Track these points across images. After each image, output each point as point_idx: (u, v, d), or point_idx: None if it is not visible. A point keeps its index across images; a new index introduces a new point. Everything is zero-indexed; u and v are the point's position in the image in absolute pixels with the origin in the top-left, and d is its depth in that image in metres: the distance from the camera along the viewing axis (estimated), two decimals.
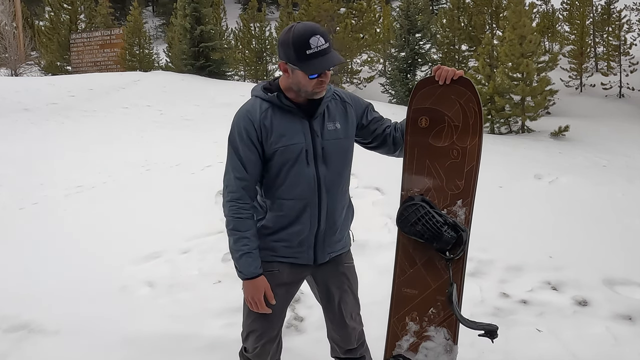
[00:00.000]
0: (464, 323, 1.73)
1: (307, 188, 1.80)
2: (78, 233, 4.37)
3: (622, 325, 2.95)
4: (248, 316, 1.93)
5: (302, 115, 1.82)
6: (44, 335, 2.85)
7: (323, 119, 1.85)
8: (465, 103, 1.83)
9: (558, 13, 24.07)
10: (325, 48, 1.70)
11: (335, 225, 1.89)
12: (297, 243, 1.86)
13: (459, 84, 1.84)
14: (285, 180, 1.81)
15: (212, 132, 8.92)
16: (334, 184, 1.86)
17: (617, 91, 17.98)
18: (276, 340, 1.94)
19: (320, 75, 1.72)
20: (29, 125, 9.32)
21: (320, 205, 1.83)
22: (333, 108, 1.88)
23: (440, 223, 1.77)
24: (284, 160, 1.79)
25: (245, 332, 1.95)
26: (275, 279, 1.88)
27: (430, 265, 1.86)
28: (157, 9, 43.17)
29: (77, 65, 21.26)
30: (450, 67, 1.87)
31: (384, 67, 23.04)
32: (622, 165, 8.37)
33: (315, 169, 1.82)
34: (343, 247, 1.98)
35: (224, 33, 22.89)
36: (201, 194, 5.29)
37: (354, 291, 2.04)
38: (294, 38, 1.69)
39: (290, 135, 1.79)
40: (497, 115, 12.69)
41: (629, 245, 4.11)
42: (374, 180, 4.84)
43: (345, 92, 1.98)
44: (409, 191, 1.90)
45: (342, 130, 1.87)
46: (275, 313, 1.89)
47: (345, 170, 1.90)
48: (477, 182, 1.84)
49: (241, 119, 1.82)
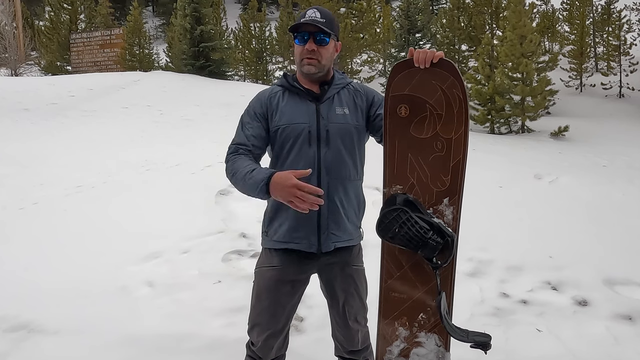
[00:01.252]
0: (454, 335, 1.61)
1: (305, 167, 1.78)
2: (78, 233, 4.37)
3: (622, 325, 2.95)
4: (254, 309, 1.94)
5: (310, 98, 1.88)
6: (44, 335, 2.85)
7: (332, 103, 1.88)
8: (448, 89, 1.64)
9: (558, 13, 24.08)
10: (317, 19, 1.81)
11: (338, 211, 1.86)
12: (296, 225, 1.84)
13: (440, 67, 1.64)
14: (286, 160, 1.85)
15: (212, 132, 8.92)
16: (335, 167, 1.85)
17: (617, 91, 17.99)
18: (280, 336, 1.92)
19: (306, 44, 1.83)
20: (29, 125, 9.31)
21: (319, 186, 1.79)
22: (345, 95, 1.93)
23: (424, 229, 1.60)
24: (285, 139, 1.84)
25: (250, 323, 1.95)
26: (280, 275, 1.88)
27: (418, 268, 1.73)
28: (157, 9, 43.20)
29: (77, 65, 21.26)
30: None
31: (384, 67, 23.06)
32: (622, 165, 8.37)
33: (317, 150, 1.83)
34: (350, 239, 1.92)
35: (224, 33, 22.90)
36: (201, 194, 5.29)
37: (361, 294, 2.00)
38: (300, 13, 1.84)
39: (294, 115, 1.85)
40: (497, 115, 12.70)
41: (629, 245, 4.11)
42: (374, 180, 4.82)
43: (361, 84, 2.03)
44: (391, 188, 1.74)
45: (350, 116, 1.89)
46: (280, 309, 1.89)
47: (350, 155, 1.87)
48: (464, 178, 1.68)
49: (253, 100, 1.95)
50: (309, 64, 1.85)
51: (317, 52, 1.83)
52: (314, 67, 1.85)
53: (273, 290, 1.89)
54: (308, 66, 1.85)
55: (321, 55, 1.84)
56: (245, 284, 3.44)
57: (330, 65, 1.93)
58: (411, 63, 1.67)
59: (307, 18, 1.82)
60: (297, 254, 1.88)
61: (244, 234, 4.33)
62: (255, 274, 1.98)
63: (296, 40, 1.87)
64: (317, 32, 1.83)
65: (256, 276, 1.97)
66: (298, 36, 1.85)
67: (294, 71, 2.00)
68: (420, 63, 1.65)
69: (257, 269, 1.98)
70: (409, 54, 1.70)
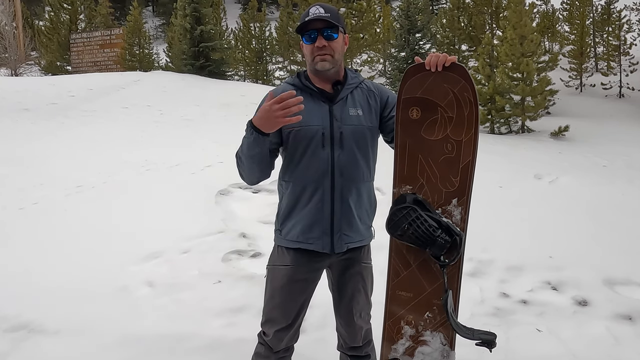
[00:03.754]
0: (460, 333, 1.64)
1: (320, 170, 1.80)
2: (78, 233, 4.36)
3: (622, 325, 2.95)
4: (266, 305, 1.97)
5: (324, 99, 1.86)
6: (44, 335, 2.85)
7: (345, 104, 1.87)
8: (460, 92, 1.69)
9: (558, 13, 24.09)
10: (321, 15, 1.79)
11: (351, 212, 1.86)
12: (310, 225, 1.85)
13: (452, 71, 1.69)
14: (300, 162, 1.84)
15: (212, 132, 8.92)
16: (348, 169, 1.84)
17: (617, 91, 17.99)
18: (291, 329, 1.95)
19: (316, 41, 1.80)
20: (29, 125, 9.31)
21: (333, 189, 1.82)
22: (358, 95, 1.91)
23: (433, 227, 1.64)
24: (299, 141, 1.82)
25: (264, 318, 1.99)
26: (292, 274, 1.89)
27: (425, 267, 1.76)
28: (157, 9, 43.20)
29: (77, 65, 21.25)
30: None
31: (384, 67, 23.07)
32: (622, 165, 8.37)
33: (331, 152, 1.82)
34: (362, 240, 1.94)
35: (224, 33, 22.91)
36: (201, 194, 5.29)
37: (367, 292, 2.04)
38: (302, 13, 1.78)
39: (308, 117, 1.79)
40: (497, 115, 12.69)
41: (629, 245, 4.11)
42: (375, 180, 4.82)
43: (374, 83, 2.01)
44: (400, 188, 1.78)
45: (364, 117, 1.88)
46: (292, 305, 1.91)
47: (363, 157, 1.87)
48: (473, 180, 1.72)
49: (264, 100, 1.89)
50: (322, 60, 1.82)
51: (328, 47, 1.81)
52: (328, 62, 1.83)
53: (286, 288, 1.91)
54: (322, 62, 1.82)
55: (333, 49, 1.82)
56: (245, 284, 3.44)
57: (342, 60, 1.91)
58: (423, 67, 1.71)
59: (311, 16, 1.80)
60: (309, 253, 1.89)
61: (244, 234, 4.33)
62: (267, 270, 2.00)
63: (304, 40, 1.84)
64: (324, 28, 1.81)
65: (269, 273, 1.99)
66: (305, 35, 1.82)
67: (294, 72, 1.99)
68: (432, 66, 1.69)
69: (270, 266, 1.99)
70: (416, 62, 1.74)
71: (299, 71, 1.96)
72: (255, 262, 3.85)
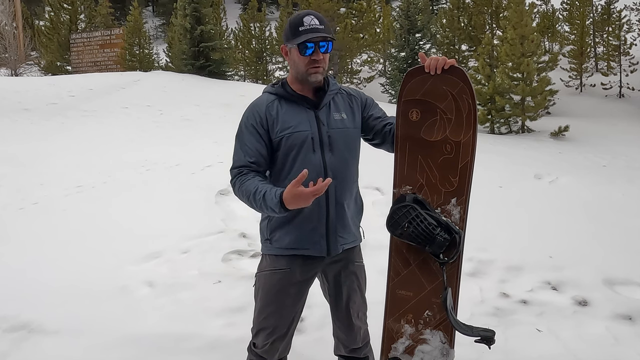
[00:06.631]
0: (459, 329, 1.66)
1: (313, 175, 1.80)
2: (78, 233, 4.37)
3: (622, 325, 2.95)
4: (260, 313, 1.93)
5: (308, 105, 1.87)
6: (44, 335, 2.85)
7: (329, 110, 1.90)
8: (458, 94, 1.73)
9: (558, 13, 24.07)
10: (317, 26, 1.79)
11: (345, 214, 1.89)
12: (308, 232, 1.85)
13: (451, 73, 1.73)
14: (292, 169, 1.84)
15: (212, 132, 8.92)
16: (340, 172, 1.86)
17: (617, 91, 17.98)
18: (286, 337, 1.93)
19: (312, 54, 1.80)
20: (29, 125, 9.31)
21: (327, 192, 1.83)
22: (339, 101, 1.94)
23: (432, 226, 1.68)
24: (290, 147, 1.83)
25: (255, 328, 1.95)
26: (287, 278, 1.88)
27: (425, 266, 1.80)
28: (157, 9, 43.18)
29: (77, 65, 21.25)
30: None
31: (384, 67, 23.06)
32: (622, 165, 8.37)
33: (322, 156, 1.84)
34: (354, 240, 1.97)
35: (224, 33, 22.90)
36: (201, 194, 5.29)
37: (362, 291, 2.05)
38: (291, 19, 1.82)
39: (296, 123, 1.83)
40: (497, 115, 12.69)
41: (629, 245, 4.11)
42: (374, 180, 4.83)
43: (351, 87, 2.06)
44: (400, 189, 1.83)
45: (348, 120, 1.91)
46: (287, 312, 1.90)
47: (352, 159, 1.91)
48: (472, 179, 1.75)
49: (248, 112, 1.90)
50: (316, 73, 1.83)
51: (322, 60, 1.83)
52: (321, 74, 1.85)
53: (281, 293, 1.88)
54: (316, 74, 1.83)
55: (325, 62, 1.85)
56: (245, 284, 3.44)
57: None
58: (422, 70, 1.76)
59: (306, 26, 1.78)
60: (304, 257, 1.88)
61: (244, 234, 4.33)
62: (257, 277, 1.97)
63: (300, 51, 1.80)
64: (322, 42, 1.80)
65: (259, 280, 1.95)
66: (301, 46, 1.79)
67: (274, 77, 1.99)
68: (432, 69, 1.74)
69: (260, 273, 1.96)
70: (421, 59, 1.78)
71: (281, 79, 1.97)
72: (256, 262, 3.81)
